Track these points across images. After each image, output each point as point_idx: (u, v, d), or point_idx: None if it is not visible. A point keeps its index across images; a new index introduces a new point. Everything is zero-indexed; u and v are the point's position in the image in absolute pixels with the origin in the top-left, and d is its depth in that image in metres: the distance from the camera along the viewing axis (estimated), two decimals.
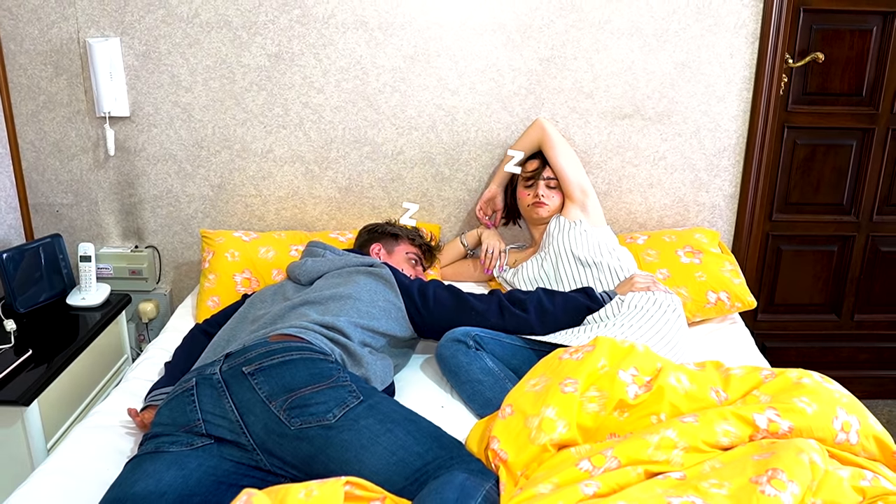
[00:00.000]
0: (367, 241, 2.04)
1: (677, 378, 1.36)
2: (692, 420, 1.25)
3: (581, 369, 1.38)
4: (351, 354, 1.55)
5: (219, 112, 2.26)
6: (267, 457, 1.32)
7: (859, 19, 2.28)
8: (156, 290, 2.43)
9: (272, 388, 1.35)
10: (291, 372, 1.37)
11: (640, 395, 1.34)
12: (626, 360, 1.40)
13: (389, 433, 1.28)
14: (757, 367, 1.41)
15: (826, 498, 1.14)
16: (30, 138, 2.29)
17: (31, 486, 1.34)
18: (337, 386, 1.36)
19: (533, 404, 1.35)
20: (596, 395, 1.35)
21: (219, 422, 1.35)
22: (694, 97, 2.26)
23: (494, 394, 1.58)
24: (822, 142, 2.41)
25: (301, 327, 1.53)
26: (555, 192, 2.10)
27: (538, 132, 2.13)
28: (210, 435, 1.34)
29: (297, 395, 1.33)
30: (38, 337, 1.99)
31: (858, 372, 2.64)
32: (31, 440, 1.75)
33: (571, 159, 2.10)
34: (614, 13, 2.18)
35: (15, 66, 2.21)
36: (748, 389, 1.36)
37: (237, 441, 1.33)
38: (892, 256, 2.52)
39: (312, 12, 2.16)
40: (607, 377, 1.37)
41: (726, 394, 1.36)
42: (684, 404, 1.33)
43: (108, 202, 2.36)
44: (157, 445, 1.32)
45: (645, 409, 1.33)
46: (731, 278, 2.10)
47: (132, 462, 1.31)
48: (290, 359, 1.40)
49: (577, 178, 2.08)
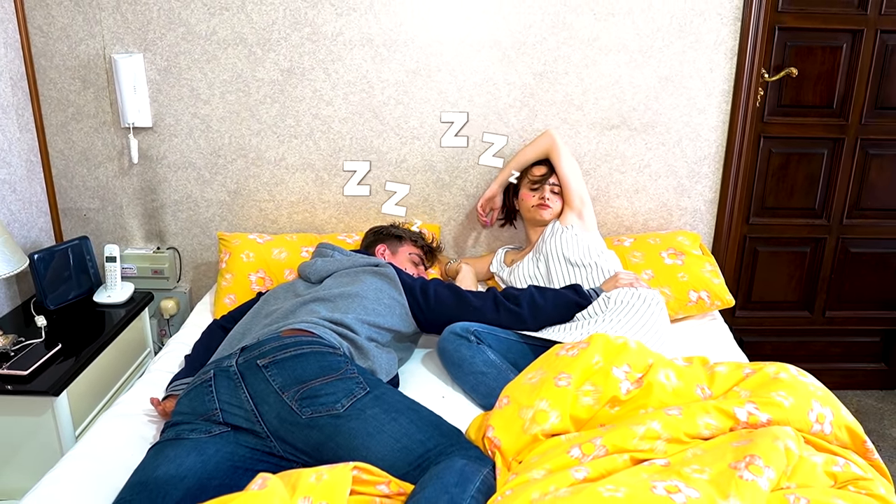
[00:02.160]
0: (373, 242, 2.04)
1: (666, 375, 1.36)
2: (676, 413, 1.25)
3: (575, 365, 1.37)
4: (358, 348, 1.54)
5: (235, 123, 2.26)
6: (280, 443, 1.32)
7: (830, 37, 2.28)
8: (176, 289, 2.43)
9: (285, 380, 1.35)
10: (303, 364, 1.37)
11: (632, 391, 1.34)
12: (620, 357, 1.39)
13: (394, 422, 1.28)
14: (740, 364, 1.40)
15: (800, 482, 1.14)
16: (59, 147, 2.29)
17: (61, 470, 1.34)
18: (345, 378, 1.36)
19: (528, 396, 1.35)
20: (591, 390, 1.34)
21: (235, 411, 1.35)
22: (676, 109, 2.26)
23: (498, 384, 1.57)
24: (796, 151, 2.40)
25: (311, 322, 1.52)
26: (558, 198, 2.11)
27: (548, 141, 2.13)
28: (227, 423, 1.33)
29: (307, 387, 1.33)
30: (67, 332, 1.98)
31: (829, 364, 2.64)
32: (60, 428, 1.75)
33: (576, 170, 2.10)
34: (602, 31, 2.17)
35: (46, 80, 2.21)
36: (730, 387, 1.36)
37: (252, 429, 1.33)
38: (860, 257, 2.52)
39: (322, 30, 2.16)
40: (602, 373, 1.36)
41: (711, 391, 1.36)
42: (671, 400, 1.32)
43: (132, 206, 2.36)
44: (177, 433, 1.31)
45: (634, 404, 1.33)
46: (711, 279, 2.10)
47: (154, 448, 1.31)
48: (302, 352, 1.40)
49: (579, 189, 2.08)
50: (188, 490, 1.19)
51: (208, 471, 1.24)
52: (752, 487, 1.05)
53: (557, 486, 1.10)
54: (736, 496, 1.03)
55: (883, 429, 2.43)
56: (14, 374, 1.72)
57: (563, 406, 1.31)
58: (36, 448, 1.75)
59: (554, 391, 1.33)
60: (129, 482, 1.22)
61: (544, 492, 1.08)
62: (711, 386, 1.36)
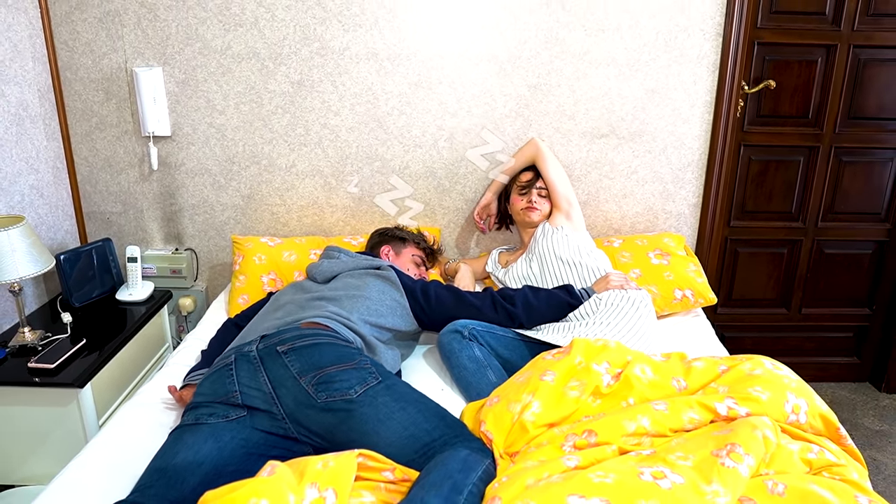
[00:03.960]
0: (378, 244, 2.04)
1: (642, 369, 1.38)
2: (663, 409, 1.25)
3: (559, 365, 1.39)
4: (367, 343, 1.56)
5: (248, 132, 2.26)
6: (295, 426, 1.32)
7: (806, 51, 2.28)
8: (193, 287, 2.43)
9: (302, 366, 1.36)
10: (320, 353, 1.38)
11: (612, 385, 1.35)
12: (600, 356, 1.40)
13: (403, 410, 1.28)
14: (715, 360, 1.41)
15: (778, 468, 1.14)
16: (84, 155, 2.29)
17: (85, 456, 1.35)
18: (359, 367, 1.36)
19: (516, 392, 1.36)
20: (576, 385, 1.35)
21: (254, 393, 1.35)
22: (662, 119, 2.26)
23: (475, 379, 1.59)
24: (774, 158, 2.41)
25: (325, 317, 1.53)
26: (545, 200, 2.11)
27: (533, 149, 2.14)
28: (245, 405, 1.33)
29: (324, 373, 1.34)
30: (91, 328, 1.99)
31: (805, 358, 2.64)
32: (84, 418, 1.75)
33: (560, 173, 2.10)
34: (593, 46, 2.18)
35: (71, 92, 2.21)
36: (706, 382, 1.36)
37: (269, 410, 1.33)
38: (834, 258, 2.52)
39: (330, 45, 2.16)
40: (584, 370, 1.38)
41: (686, 382, 1.36)
42: (648, 392, 1.34)
43: (152, 210, 2.36)
44: (196, 417, 1.32)
45: (615, 398, 1.34)
46: (695, 277, 2.10)
47: (174, 433, 1.31)
48: (319, 342, 1.41)
49: (565, 191, 2.08)
50: (205, 476, 1.19)
51: (224, 457, 1.24)
52: (734, 474, 1.06)
53: (550, 473, 1.10)
54: (718, 482, 1.04)
55: (856, 418, 2.43)
56: (42, 368, 1.73)
57: (547, 397, 1.32)
58: (62, 436, 1.76)
59: (539, 384, 1.34)
60: (149, 468, 1.22)
61: (538, 478, 1.09)
62: (687, 378, 1.37)
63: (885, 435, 2.33)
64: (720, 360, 1.41)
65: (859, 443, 2.27)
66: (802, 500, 1.05)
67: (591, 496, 0.98)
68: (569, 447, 1.20)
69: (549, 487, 1.03)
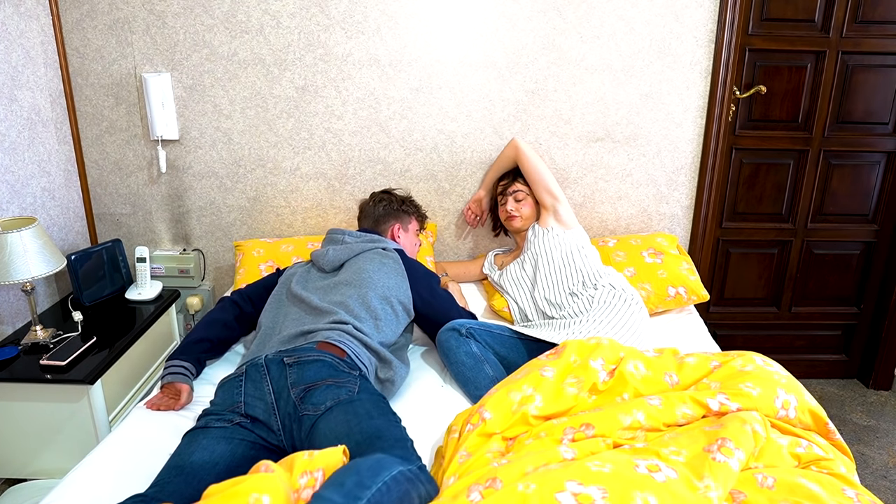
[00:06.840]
0: (387, 218, 1.94)
1: (635, 365, 1.38)
2: (657, 403, 1.26)
3: (556, 363, 1.40)
4: (382, 360, 1.56)
5: (254, 136, 2.26)
6: (287, 437, 1.34)
7: (796, 57, 2.29)
8: (200, 287, 2.43)
9: (297, 379, 1.37)
10: (315, 369, 1.39)
11: (607, 382, 1.36)
12: (595, 354, 1.41)
13: (346, 423, 1.26)
14: (708, 356, 1.41)
15: (767, 462, 1.15)
16: (94, 158, 2.29)
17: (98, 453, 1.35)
18: (340, 385, 1.36)
19: (517, 384, 1.36)
20: (574, 381, 1.36)
21: (256, 403, 1.36)
22: (656, 123, 2.27)
23: (473, 374, 1.60)
24: (765, 161, 2.41)
25: (340, 335, 1.50)
26: (524, 204, 2.09)
27: (511, 149, 2.14)
28: (247, 415, 1.35)
29: (310, 388, 1.35)
30: (102, 326, 1.99)
31: (795, 356, 2.65)
32: (95, 414, 1.75)
33: (539, 167, 2.06)
34: (589, 52, 2.18)
35: (82, 97, 2.22)
36: (698, 377, 1.36)
37: (267, 421, 1.35)
38: (823, 258, 2.53)
39: (333, 52, 2.16)
40: (581, 367, 1.38)
41: (678, 378, 1.37)
42: (642, 387, 1.34)
43: (161, 212, 2.36)
44: (206, 422, 1.34)
45: (611, 394, 1.34)
46: (688, 275, 2.10)
47: (188, 435, 1.33)
48: (321, 360, 1.41)
49: (544, 182, 2.04)
50: (219, 476, 1.21)
51: (237, 458, 1.27)
52: (724, 468, 1.06)
53: (548, 462, 1.11)
54: (710, 476, 1.04)
55: (844, 414, 2.44)
56: (53, 365, 1.73)
57: (546, 391, 1.32)
58: (73, 432, 1.76)
59: (539, 379, 1.35)
60: (168, 465, 1.24)
61: (537, 466, 1.09)
62: (679, 374, 1.37)
63: (873, 430, 2.34)
64: (712, 357, 1.41)
65: (847, 438, 2.27)
66: (791, 493, 1.06)
67: (588, 483, 0.99)
68: (567, 440, 1.20)
69: (549, 472, 1.03)
